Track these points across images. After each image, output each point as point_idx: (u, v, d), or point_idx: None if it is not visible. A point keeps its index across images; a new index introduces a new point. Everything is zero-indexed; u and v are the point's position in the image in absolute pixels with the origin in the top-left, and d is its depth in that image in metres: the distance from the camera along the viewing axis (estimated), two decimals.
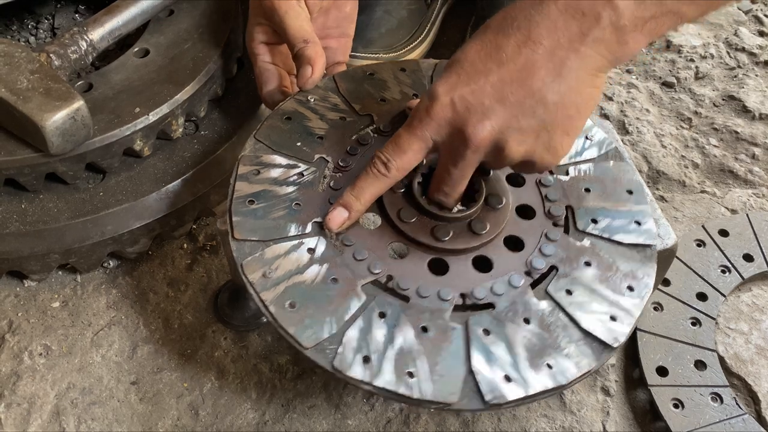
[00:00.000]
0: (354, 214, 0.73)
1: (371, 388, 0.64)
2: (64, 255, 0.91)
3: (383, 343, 0.66)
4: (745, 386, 0.90)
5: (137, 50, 0.97)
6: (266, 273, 0.70)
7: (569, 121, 0.66)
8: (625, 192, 0.81)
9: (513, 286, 0.72)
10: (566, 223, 0.78)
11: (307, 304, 0.68)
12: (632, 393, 0.89)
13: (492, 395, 0.64)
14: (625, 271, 0.74)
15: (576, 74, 0.64)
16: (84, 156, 0.87)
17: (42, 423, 0.85)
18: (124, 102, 0.90)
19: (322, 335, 0.66)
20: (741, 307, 0.97)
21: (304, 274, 0.70)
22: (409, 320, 0.68)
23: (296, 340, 0.66)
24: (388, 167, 0.70)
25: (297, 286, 0.69)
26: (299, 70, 0.84)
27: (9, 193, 0.91)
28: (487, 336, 0.68)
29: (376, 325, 0.68)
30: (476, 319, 0.69)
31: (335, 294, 0.69)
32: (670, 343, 0.90)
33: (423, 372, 0.65)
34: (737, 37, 1.36)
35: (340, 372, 0.64)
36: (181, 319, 0.94)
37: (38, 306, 0.95)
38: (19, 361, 0.90)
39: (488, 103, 0.64)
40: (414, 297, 0.70)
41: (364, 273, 0.71)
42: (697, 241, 1.01)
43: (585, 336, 0.68)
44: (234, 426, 0.85)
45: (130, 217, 0.92)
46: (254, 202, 0.75)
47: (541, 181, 0.81)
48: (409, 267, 0.73)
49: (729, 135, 1.20)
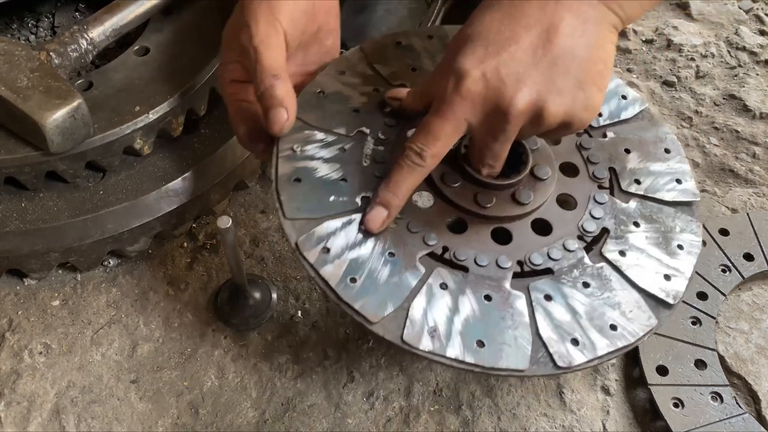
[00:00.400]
0: (393, 210, 0.70)
1: (443, 359, 0.64)
2: (64, 253, 0.91)
3: (449, 314, 0.67)
4: (746, 385, 0.90)
5: (137, 48, 0.97)
6: (323, 251, 0.69)
7: (599, 76, 0.65)
8: (662, 151, 0.82)
9: (568, 250, 0.72)
10: (611, 185, 0.79)
11: (368, 278, 0.68)
12: (632, 392, 0.89)
13: (562, 360, 0.65)
14: (672, 230, 0.75)
15: (598, 29, 0.64)
16: (84, 154, 0.87)
17: (42, 421, 0.85)
18: (124, 100, 0.90)
19: (387, 309, 0.66)
20: (741, 306, 0.97)
21: (360, 249, 0.70)
22: (471, 290, 0.68)
23: (363, 316, 0.65)
24: (423, 156, 0.68)
25: (355, 261, 0.69)
26: (269, 113, 0.73)
27: (9, 191, 0.91)
28: (549, 302, 0.69)
29: (439, 296, 0.68)
30: (536, 285, 0.70)
31: (394, 268, 0.69)
32: (670, 342, 0.90)
33: (492, 340, 0.65)
34: (738, 36, 1.35)
35: (410, 345, 0.64)
36: (181, 318, 0.94)
37: (38, 304, 0.95)
38: (19, 359, 0.90)
39: (523, 70, 0.63)
40: (473, 266, 0.70)
41: (420, 245, 0.71)
42: None
43: (643, 295, 0.70)
44: (234, 425, 0.85)
45: (130, 216, 0.92)
46: (300, 181, 0.74)
47: (582, 144, 0.81)
48: (465, 236, 0.73)
49: (729, 134, 1.20)
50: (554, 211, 0.76)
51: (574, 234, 0.74)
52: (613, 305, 0.69)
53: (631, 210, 0.76)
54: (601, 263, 0.72)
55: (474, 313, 0.67)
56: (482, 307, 0.67)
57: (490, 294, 0.68)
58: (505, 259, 0.71)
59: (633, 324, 0.68)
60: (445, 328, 0.66)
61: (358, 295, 0.67)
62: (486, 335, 0.66)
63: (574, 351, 0.66)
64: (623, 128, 0.84)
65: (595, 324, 0.67)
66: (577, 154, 0.81)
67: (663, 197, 0.78)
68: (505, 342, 0.65)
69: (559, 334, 0.67)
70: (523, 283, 0.70)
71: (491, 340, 0.65)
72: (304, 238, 0.70)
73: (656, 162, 0.81)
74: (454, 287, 0.69)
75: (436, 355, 0.64)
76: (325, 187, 0.74)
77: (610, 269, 0.72)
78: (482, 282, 0.69)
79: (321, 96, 0.82)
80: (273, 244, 1.01)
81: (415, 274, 0.69)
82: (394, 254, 0.70)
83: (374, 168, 0.76)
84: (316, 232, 0.70)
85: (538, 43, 0.63)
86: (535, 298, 0.69)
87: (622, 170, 0.79)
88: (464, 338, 0.65)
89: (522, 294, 0.69)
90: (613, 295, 0.70)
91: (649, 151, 0.82)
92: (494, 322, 0.67)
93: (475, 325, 0.66)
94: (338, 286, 0.67)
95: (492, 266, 0.71)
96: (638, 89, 1.27)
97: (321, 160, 0.76)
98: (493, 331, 0.66)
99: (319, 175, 0.75)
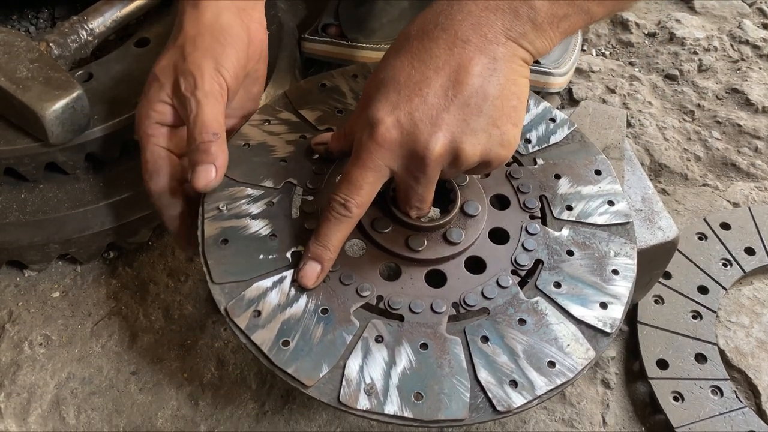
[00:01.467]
0: (327, 263, 0.68)
1: (381, 417, 0.63)
2: (63, 245, 0.91)
3: (385, 368, 0.65)
4: (746, 379, 0.90)
5: (137, 40, 0.97)
6: (253, 314, 0.67)
7: (513, 111, 0.65)
8: (593, 173, 0.81)
9: (502, 287, 0.71)
10: (543, 214, 0.78)
11: (301, 339, 0.66)
12: (632, 386, 0.89)
13: (502, 405, 0.63)
14: (606, 255, 0.74)
15: (508, 66, 0.64)
16: (84, 146, 0.87)
17: (42, 412, 0.85)
18: (124, 92, 0.90)
19: (322, 371, 0.64)
20: (742, 300, 0.97)
21: (292, 308, 0.68)
22: (407, 339, 0.67)
23: (297, 380, 0.64)
24: (348, 207, 0.66)
25: (287, 322, 0.67)
26: (198, 168, 0.70)
27: (9, 182, 0.91)
28: (486, 343, 0.67)
29: (375, 350, 0.66)
30: (473, 328, 0.68)
31: (328, 325, 0.67)
32: (670, 336, 0.90)
33: (430, 391, 0.63)
34: (741, 29, 1.35)
35: (347, 406, 0.63)
36: (181, 310, 0.94)
37: (38, 296, 0.95)
38: (19, 350, 0.90)
39: (436, 113, 0.62)
40: (408, 314, 0.69)
41: (354, 297, 0.69)
42: (698, 234, 1.01)
43: (580, 327, 0.68)
44: (233, 416, 0.85)
45: (130, 208, 0.92)
46: (227, 242, 0.71)
47: (511, 174, 0.79)
48: (399, 283, 0.71)
49: (732, 128, 1.20)
50: (487, 247, 0.74)
51: (507, 269, 0.72)
52: (550, 341, 0.67)
53: (563, 238, 0.75)
54: (537, 297, 0.70)
55: (411, 364, 0.65)
56: (419, 357, 0.65)
57: (426, 342, 0.66)
58: (440, 303, 0.69)
59: (571, 358, 0.66)
60: (382, 384, 0.64)
61: (291, 359, 0.64)
62: (424, 386, 0.64)
63: (513, 393, 0.64)
64: (553, 153, 0.82)
65: (533, 363, 0.66)
66: (508, 185, 0.79)
67: (596, 221, 0.76)
68: (443, 391, 0.64)
69: (497, 377, 0.65)
70: (459, 326, 0.68)
71: (429, 391, 0.63)
72: (233, 303, 0.67)
73: (587, 185, 0.79)
74: (390, 339, 0.67)
75: (374, 413, 0.63)
76: (254, 246, 0.71)
77: (546, 302, 0.70)
78: (418, 330, 0.67)
79: (246, 149, 0.79)
80: None
81: (350, 329, 0.67)
82: (328, 310, 0.68)
83: (304, 219, 0.73)
84: (245, 295, 0.68)
85: (448, 85, 0.62)
86: (471, 341, 0.67)
87: (553, 197, 0.78)
88: (402, 392, 0.63)
89: (458, 338, 0.67)
90: (549, 330, 0.68)
91: (580, 174, 0.80)
92: (432, 371, 0.65)
93: (412, 377, 0.64)
94: (270, 351, 0.65)
95: (427, 312, 0.69)
96: (640, 82, 1.26)
97: (249, 216, 0.73)
98: (431, 381, 0.64)
99: (248, 233, 0.72)
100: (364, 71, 0.88)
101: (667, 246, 0.82)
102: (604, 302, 0.70)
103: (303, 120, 0.83)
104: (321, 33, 1.18)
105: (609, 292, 0.71)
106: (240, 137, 0.80)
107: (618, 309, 0.70)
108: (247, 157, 0.78)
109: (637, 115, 1.21)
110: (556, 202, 0.78)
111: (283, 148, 0.79)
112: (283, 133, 0.81)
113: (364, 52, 1.16)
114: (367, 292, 0.69)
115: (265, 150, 0.79)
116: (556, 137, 0.83)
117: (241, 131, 0.81)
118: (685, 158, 1.16)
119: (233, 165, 0.76)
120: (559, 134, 0.84)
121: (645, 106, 1.23)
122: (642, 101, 1.24)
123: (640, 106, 1.23)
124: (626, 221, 0.76)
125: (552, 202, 0.78)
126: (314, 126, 0.82)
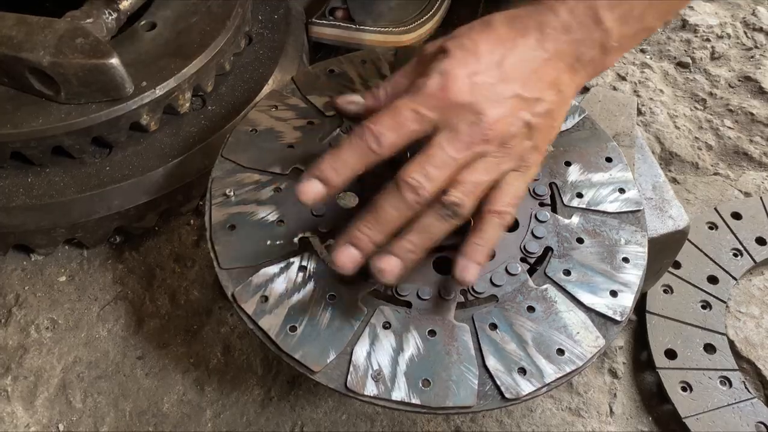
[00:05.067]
0: (331, 190, 0.62)
1: (388, 403, 0.62)
2: (70, 229, 0.91)
3: (393, 355, 0.65)
4: (755, 370, 0.89)
5: (144, 23, 0.96)
6: (260, 300, 0.67)
7: (551, 132, 0.66)
8: (604, 160, 0.80)
9: (511, 275, 0.70)
10: (553, 201, 0.77)
11: (308, 325, 0.66)
12: (640, 375, 0.89)
13: (510, 392, 0.63)
14: (617, 243, 0.73)
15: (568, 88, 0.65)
16: (90, 129, 0.87)
17: (48, 396, 0.85)
18: (131, 75, 0.89)
19: (329, 356, 0.64)
20: (752, 290, 0.96)
21: (300, 294, 0.67)
22: (415, 326, 0.66)
23: (305, 366, 0.64)
24: (381, 142, 0.60)
25: (294, 308, 0.67)
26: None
27: (15, 166, 0.90)
28: (495, 331, 0.67)
29: (382, 336, 0.65)
30: (481, 315, 0.68)
31: (336, 311, 0.67)
32: (679, 326, 0.89)
33: (438, 378, 0.63)
34: (755, 16, 1.33)
35: (355, 392, 0.62)
36: (188, 295, 0.93)
37: (45, 280, 0.95)
38: (26, 334, 0.90)
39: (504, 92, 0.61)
40: (416, 301, 0.68)
41: (362, 284, 0.68)
42: (709, 223, 1.00)
43: (590, 315, 0.68)
44: (239, 402, 0.85)
45: (137, 192, 0.91)
46: (235, 227, 0.71)
47: None
48: None
49: (744, 116, 1.18)
50: None
51: (517, 257, 0.71)
52: (559, 328, 0.66)
53: (574, 226, 0.74)
54: (546, 285, 0.70)
55: (419, 351, 0.65)
56: (427, 344, 0.65)
57: (434, 329, 0.66)
58: (448, 290, 0.68)
59: (581, 346, 0.65)
60: (389, 371, 0.63)
61: (298, 345, 0.64)
62: (432, 373, 0.63)
63: (521, 381, 0.63)
64: (563, 140, 0.81)
65: (541, 350, 0.65)
66: None
67: (606, 209, 0.75)
68: (452, 378, 0.63)
69: (505, 364, 0.64)
70: (467, 313, 0.68)
71: (437, 378, 0.63)
72: (240, 288, 0.67)
73: (598, 172, 0.78)
74: (397, 326, 0.66)
75: (381, 399, 0.62)
76: (262, 232, 0.71)
77: (555, 290, 0.69)
78: (426, 317, 0.67)
79: (253, 134, 0.79)
80: None
81: (358, 316, 0.66)
82: (335, 296, 0.67)
83: (312, 206, 0.72)
84: (253, 280, 0.68)
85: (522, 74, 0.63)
86: (480, 329, 0.66)
87: (563, 184, 0.77)
88: (409, 379, 0.63)
89: (466, 325, 0.66)
90: (559, 317, 0.67)
91: (591, 161, 0.79)
92: (440, 358, 0.64)
93: (420, 364, 0.64)
94: (278, 336, 0.65)
95: (435, 299, 0.68)
96: (651, 70, 1.25)
97: (256, 203, 0.73)
98: (438, 368, 0.64)
99: (255, 219, 0.72)
100: (372, 57, 0.87)
101: (678, 235, 0.82)
102: (614, 290, 0.69)
103: (311, 106, 0.82)
104: (328, 17, 1.17)
105: (619, 280, 0.70)
106: (247, 123, 0.80)
107: (628, 297, 0.69)
108: (255, 143, 0.78)
109: (648, 103, 1.20)
110: (566, 189, 0.77)
111: (290, 134, 0.79)
112: (291, 119, 0.80)
113: (373, 35, 1.15)
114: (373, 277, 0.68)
115: (273, 136, 0.79)
116: (567, 124, 0.82)
117: (249, 117, 0.80)
118: (696, 147, 1.15)
119: (241, 150, 0.75)
120: (570, 121, 0.83)
121: (656, 93, 1.22)
122: (653, 89, 1.22)
123: (651, 94, 1.21)
124: (637, 209, 0.75)
125: (562, 189, 0.77)
126: (322, 112, 0.81)
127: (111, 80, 0.83)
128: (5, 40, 0.84)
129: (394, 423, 0.83)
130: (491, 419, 0.84)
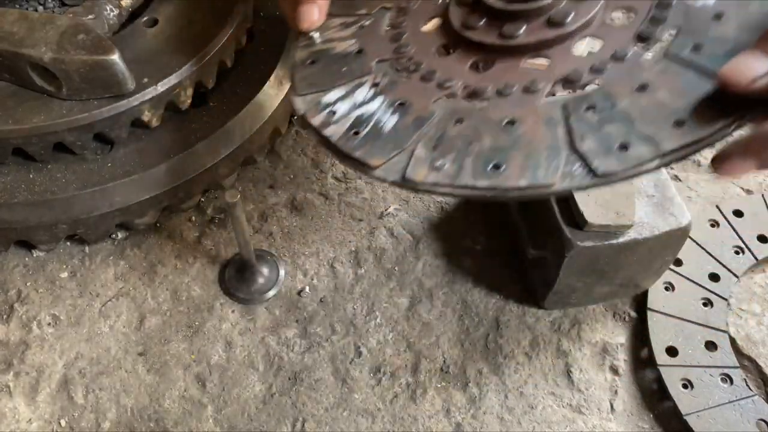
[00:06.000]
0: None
1: (450, 189, 0.56)
2: (71, 225, 0.91)
3: (461, 147, 0.58)
4: (756, 368, 0.89)
5: (146, 20, 0.96)
6: (328, 114, 0.65)
7: None
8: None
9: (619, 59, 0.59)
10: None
11: (372, 129, 0.62)
12: (641, 372, 0.89)
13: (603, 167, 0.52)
14: None
15: None
16: (92, 126, 0.86)
17: (50, 392, 0.85)
18: (132, 72, 0.89)
19: (390, 153, 0.60)
20: (754, 288, 0.96)
21: (368, 106, 0.65)
22: (493, 116, 0.59)
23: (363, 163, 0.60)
24: None
25: (360, 117, 0.63)
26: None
27: (17, 162, 0.91)
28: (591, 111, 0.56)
29: (451, 131, 0.60)
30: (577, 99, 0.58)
31: (404, 115, 0.63)
32: (680, 324, 0.89)
33: (512, 162, 0.55)
34: None
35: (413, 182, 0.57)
36: (189, 292, 0.94)
37: (47, 276, 0.95)
38: (27, 330, 0.90)
39: None
40: (494, 98, 0.61)
41: (435, 90, 0.64)
42: (710, 221, 1.00)
43: None
44: (241, 398, 0.85)
45: (138, 189, 0.91)
46: (315, 62, 0.71)
47: None
48: (489, 73, 0.63)
49: None
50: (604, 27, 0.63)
51: (630, 44, 0.60)
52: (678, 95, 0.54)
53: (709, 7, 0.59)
54: (667, 62, 0.57)
55: (494, 141, 0.57)
56: (503, 134, 0.57)
57: (513, 119, 0.58)
58: (536, 83, 0.60)
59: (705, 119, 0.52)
60: (454, 161, 0.57)
61: (359, 145, 0.61)
62: (506, 158, 0.55)
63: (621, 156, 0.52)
64: None
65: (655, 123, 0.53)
66: None
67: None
68: (528, 162, 0.55)
69: (602, 144, 0.53)
70: (558, 102, 0.58)
71: (512, 161, 0.55)
72: (311, 107, 0.67)
73: None
74: (471, 121, 0.60)
75: (442, 186, 0.56)
76: (341, 61, 0.70)
77: (679, 67, 0.56)
78: (507, 108, 0.59)
79: None
80: (281, 220, 1.01)
81: (427, 116, 0.61)
82: (405, 103, 0.64)
83: (392, 34, 0.71)
84: (323, 100, 0.67)
85: None
86: (574, 110, 0.57)
87: None
88: (477, 165, 0.56)
89: (556, 111, 0.57)
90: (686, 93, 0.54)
91: None
92: (517, 144, 0.56)
93: (493, 151, 0.56)
94: (340, 140, 0.62)
95: (519, 93, 0.60)
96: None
97: (339, 39, 0.72)
98: (514, 153, 0.55)
99: (335, 51, 0.71)
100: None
101: (679, 232, 0.81)
102: None
103: None
104: None
105: None
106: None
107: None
108: None
109: None
110: None
111: None
112: None
113: None
114: (451, 82, 0.64)
115: None
116: None
117: None
118: None
119: None
120: None
121: None
122: None
123: None
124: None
125: None
126: None
127: (113, 76, 0.84)
128: (7, 35, 0.84)
129: (395, 419, 0.84)
130: (492, 416, 0.84)
